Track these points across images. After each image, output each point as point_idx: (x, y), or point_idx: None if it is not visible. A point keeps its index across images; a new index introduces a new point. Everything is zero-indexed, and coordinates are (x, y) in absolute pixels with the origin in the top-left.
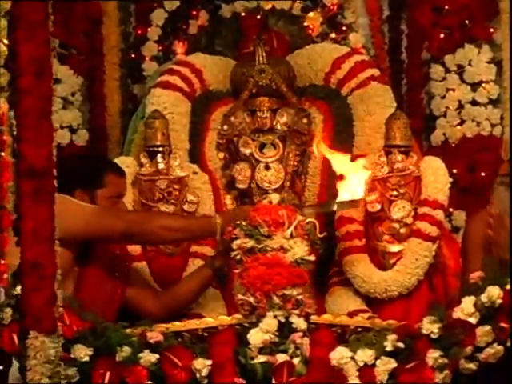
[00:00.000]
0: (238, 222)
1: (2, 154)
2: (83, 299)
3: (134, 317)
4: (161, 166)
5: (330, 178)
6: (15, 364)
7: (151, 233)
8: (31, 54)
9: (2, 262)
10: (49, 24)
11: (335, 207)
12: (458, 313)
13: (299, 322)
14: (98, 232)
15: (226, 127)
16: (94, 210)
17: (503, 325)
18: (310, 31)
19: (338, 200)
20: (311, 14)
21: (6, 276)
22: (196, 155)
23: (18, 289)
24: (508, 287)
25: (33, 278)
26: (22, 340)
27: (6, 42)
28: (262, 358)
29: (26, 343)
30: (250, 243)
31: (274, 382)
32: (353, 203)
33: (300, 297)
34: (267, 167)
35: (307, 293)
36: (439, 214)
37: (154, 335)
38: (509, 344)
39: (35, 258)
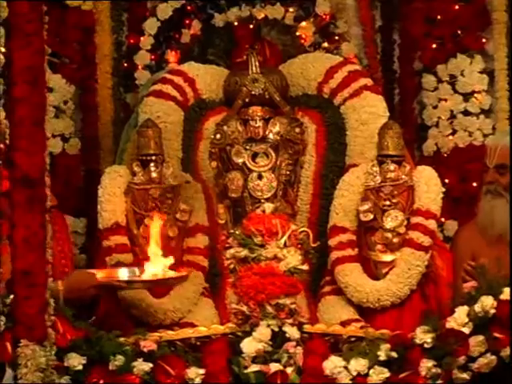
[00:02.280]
0: (232, 231)
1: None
2: None
3: None
4: (154, 174)
5: (323, 188)
6: (9, 372)
7: None
8: (25, 62)
9: None
10: (43, 34)
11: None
12: (451, 323)
13: (293, 332)
14: None
15: (218, 136)
16: None
17: (497, 335)
18: (303, 41)
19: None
20: (304, 24)
21: (1, 284)
22: (189, 164)
23: (11, 297)
24: (502, 297)
25: (24, 286)
26: (15, 348)
27: (2, 49)
28: (255, 367)
29: (17, 351)
30: (244, 252)
31: None
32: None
33: (293, 306)
34: (260, 176)
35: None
36: (432, 224)
37: (148, 344)
38: (507, 354)
39: (26, 266)
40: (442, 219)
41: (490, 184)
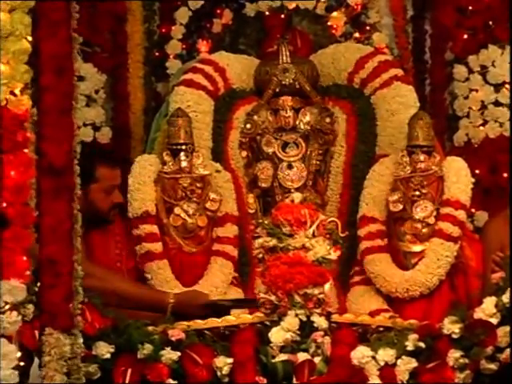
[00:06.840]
0: (260, 221)
1: (26, 150)
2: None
3: None
4: (184, 164)
5: (353, 178)
6: (36, 362)
7: (108, 293)
8: (52, 51)
9: (24, 258)
10: (71, 22)
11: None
12: (479, 313)
13: (320, 321)
14: None
15: (249, 126)
16: None
17: None
18: (334, 31)
19: None
20: (335, 14)
21: (28, 272)
22: (219, 154)
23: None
24: None
25: (50, 274)
26: (41, 336)
27: (30, 38)
28: (283, 357)
29: (42, 340)
30: (272, 242)
31: (295, 380)
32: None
33: (321, 296)
34: (290, 166)
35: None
36: (461, 215)
37: (176, 333)
38: None
39: (53, 254)
40: (473, 210)
41: None
